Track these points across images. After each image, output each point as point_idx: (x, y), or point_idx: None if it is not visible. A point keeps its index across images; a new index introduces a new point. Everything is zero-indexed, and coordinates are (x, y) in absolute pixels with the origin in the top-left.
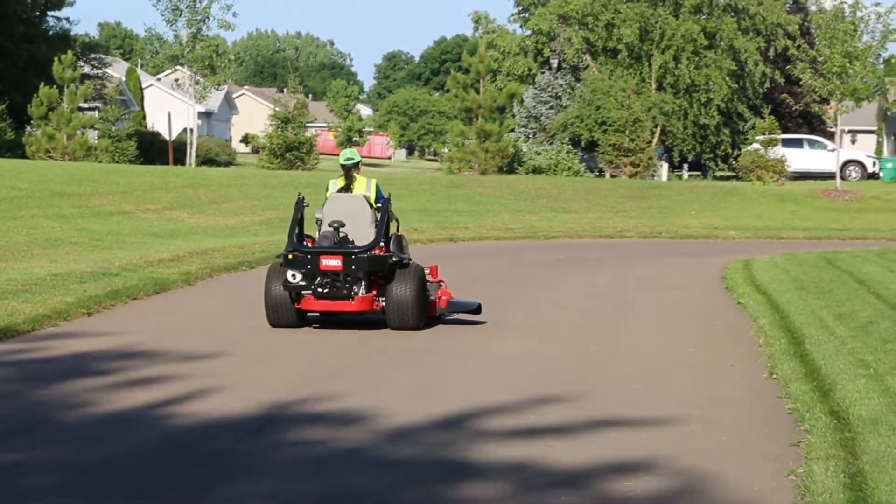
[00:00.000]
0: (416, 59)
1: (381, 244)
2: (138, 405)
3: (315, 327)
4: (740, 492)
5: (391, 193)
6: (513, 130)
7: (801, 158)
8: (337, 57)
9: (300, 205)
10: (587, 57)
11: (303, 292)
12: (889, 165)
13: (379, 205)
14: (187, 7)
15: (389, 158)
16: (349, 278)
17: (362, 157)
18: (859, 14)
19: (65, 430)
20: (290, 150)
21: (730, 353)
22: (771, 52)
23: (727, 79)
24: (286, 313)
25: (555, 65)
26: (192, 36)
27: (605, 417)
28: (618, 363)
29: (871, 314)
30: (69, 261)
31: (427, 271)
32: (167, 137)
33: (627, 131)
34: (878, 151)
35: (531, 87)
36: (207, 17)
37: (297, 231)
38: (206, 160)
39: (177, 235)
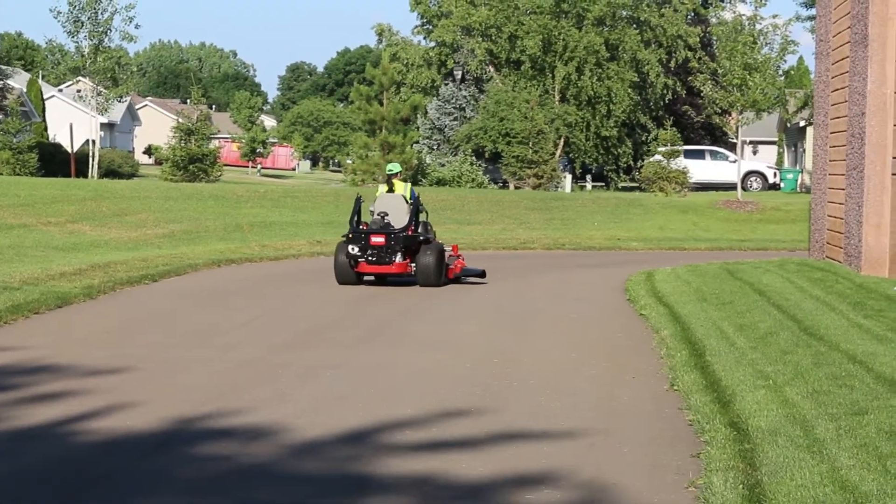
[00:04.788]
0: (320, 70)
1: (412, 227)
2: (41, 421)
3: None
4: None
5: (419, 193)
6: (417, 142)
7: (703, 169)
8: (240, 68)
9: (358, 201)
10: (491, 68)
11: (359, 259)
12: (790, 176)
13: (411, 201)
14: (88, 19)
15: (294, 170)
16: (390, 250)
17: (265, 167)
18: (758, 26)
19: None
20: (194, 162)
21: (632, 365)
22: (672, 64)
23: (629, 90)
24: (348, 275)
25: (458, 76)
26: (93, 47)
27: (508, 430)
28: (521, 375)
29: (770, 325)
30: None
31: (449, 248)
32: (69, 149)
33: (531, 143)
34: (779, 162)
35: (435, 98)
36: (109, 29)
37: (355, 219)
38: (109, 172)
39: (79, 248)
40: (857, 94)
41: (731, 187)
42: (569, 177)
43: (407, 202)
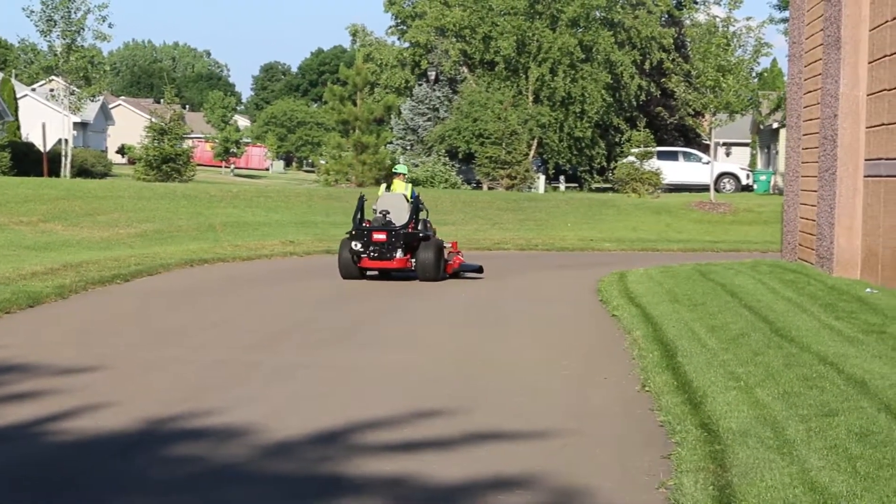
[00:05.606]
0: (294, 70)
1: (412, 225)
2: (12, 422)
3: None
4: None
5: (420, 192)
6: (390, 142)
7: (676, 171)
8: (214, 68)
9: (361, 200)
10: (464, 69)
11: (362, 255)
12: (763, 178)
13: (412, 199)
14: (62, 18)
15: (267, 170)
16: (391, 247)
17: (238, 167)
18: (732, 28)
19: None
20: (167, 162)
21: (604, 366)
22: (646, 66)
23: (603, 91)
24: (352, 270)
25: (432, 77)
26: (66, 47)
27: (481, 431)
28: (494, 376)
29: (742, 326)
30: None
31: (448, 245)
32: (42, 148)
33: (504, 143)
34: (752, 164)
35: (409, 99)
36: (82, 28)
37: (359, 216)
38: (81, 171)
39: (51, 248)
40: (830, 96)
41: (703, 189)
42: (542, 177)
43: (408, 201)
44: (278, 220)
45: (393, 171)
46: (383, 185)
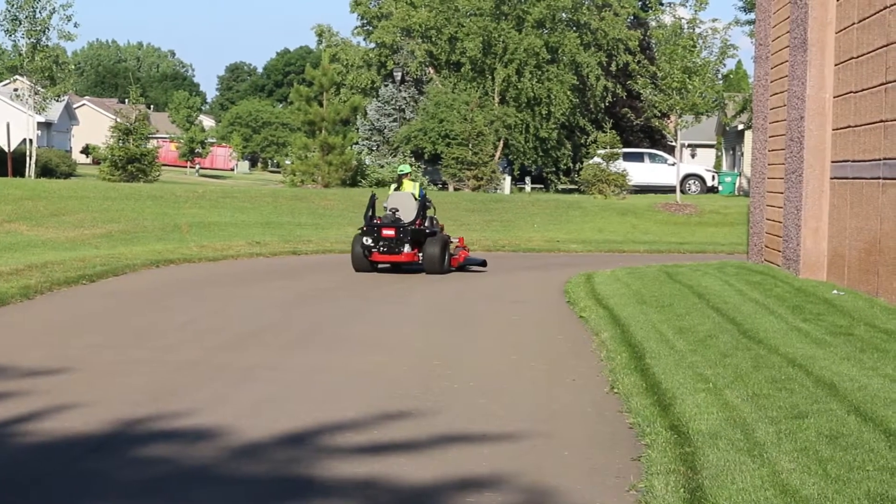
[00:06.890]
0: (260, 70)
1: (420, 221)
2: None
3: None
4: None
5: (427, 191)
6: (356, 143)
7: (642, 172)
8: (179, 67)
9: (373, 199)
10: (430, 70)
11: (372, 249)
12: (728, 179)
13: (419, 198)
14: (26, 17)
15: (232, 170)
16: (399, 242)
17: (203, 167)
18: (698, 30)
19: None
20: (132, 162)
21: (572, 368)
22: (613, 67)
23: (569, 93)
24: (363, 263)
25: (398, 78)
26: (31, 46)
27: (449, 433)
28: (461, 378)
29: (710, 328)
30: None
31: (455, 240)
32: (6, 149)
33: (470, 144)
34: (718, 165)
35: (375, 99)
36: (47, 28)
37: (370, 213)
38: (46, 171)
39: (15, 248)
40: (796, 98)
41: (669, 190)
42: (508, 178)
43: (415, 199)
44: (244, 220)
45: (398, 172)
46: (393, 185)
